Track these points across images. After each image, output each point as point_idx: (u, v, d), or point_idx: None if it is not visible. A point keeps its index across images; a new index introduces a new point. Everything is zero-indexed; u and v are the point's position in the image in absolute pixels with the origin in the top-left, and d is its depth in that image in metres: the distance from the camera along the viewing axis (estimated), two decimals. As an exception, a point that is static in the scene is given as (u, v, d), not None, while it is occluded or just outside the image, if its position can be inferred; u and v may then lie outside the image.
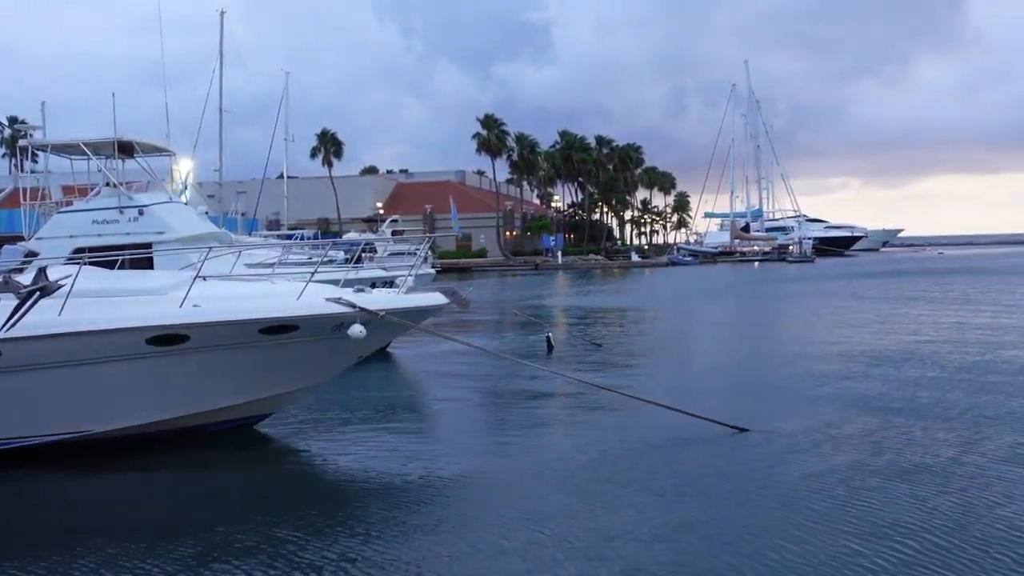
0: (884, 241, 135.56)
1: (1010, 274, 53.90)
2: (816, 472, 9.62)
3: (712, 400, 13.76)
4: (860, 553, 7.19)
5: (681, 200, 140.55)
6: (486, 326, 29.11)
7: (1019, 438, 11.07)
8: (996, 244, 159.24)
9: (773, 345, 22.58)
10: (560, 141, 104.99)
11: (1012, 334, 22.11)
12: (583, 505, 8.66)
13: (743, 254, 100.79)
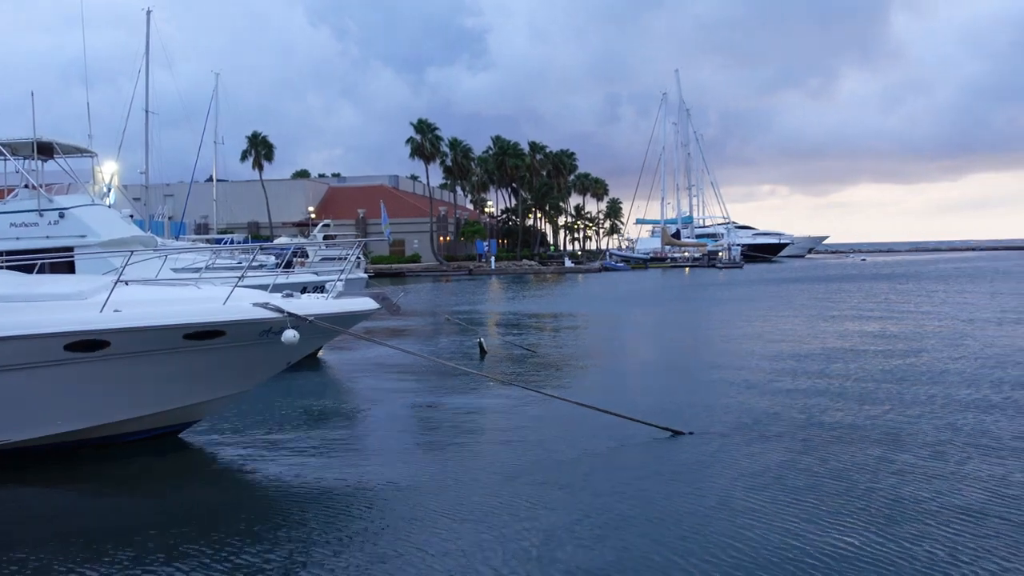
0: (810, 248, 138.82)
1: (929, 280, 55.71)
2: (750, 472, 9.82)
3: (647, 403, 13.93)
4: (795, 548, 7.34)
5: (614, 206, 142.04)
6: (419, 331, 28.96)
7: (941, 435, 11.46)
8: (914, 251, 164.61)
9: (705, 348, 22.90)
10: (494, 147, 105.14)
11: (932, 337, 22.82)
12: (526, 506, 8.69)
13: (674, 260, 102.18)
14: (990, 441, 11.09)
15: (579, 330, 28.82)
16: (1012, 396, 14.12)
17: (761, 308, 35.85)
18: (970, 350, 19.92)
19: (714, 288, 55.22)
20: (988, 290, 43.51)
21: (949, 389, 15.02)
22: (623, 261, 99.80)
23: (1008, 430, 11.69)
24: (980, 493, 8.87)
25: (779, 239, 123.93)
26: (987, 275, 59.95)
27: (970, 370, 17.04)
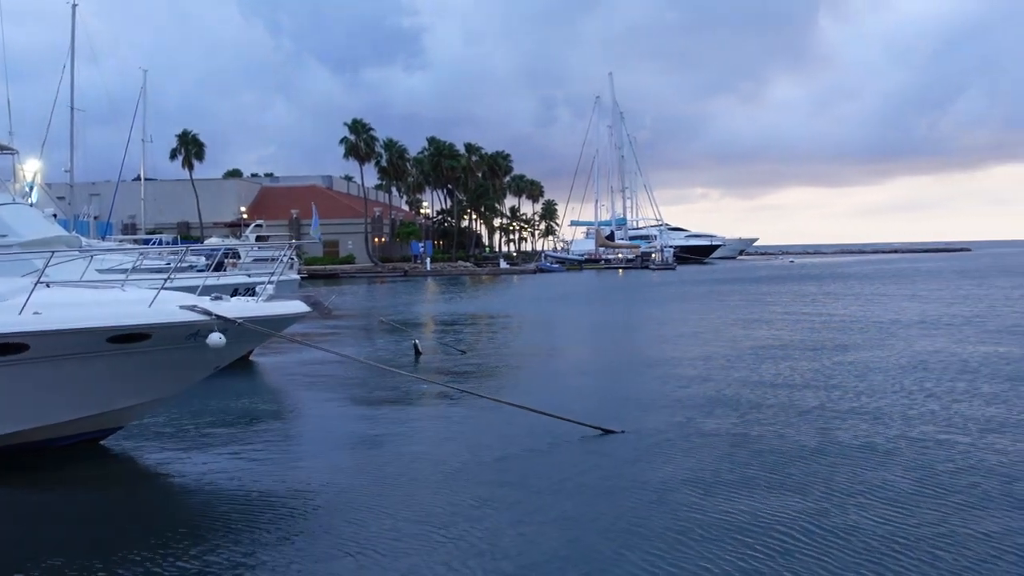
0: (741, 249, 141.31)
1: (854, 280, 57.12)
2: (683, 468, 9.96)
3: (581, 403, 14.00)
4: (731, 541, 7.45)
5: (549, 208, 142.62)
6: (353, 334, 28.70)
7: (877, 427, 11.82)
8: (841, 252, 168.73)
9: (638, 348, 23.12)
10: (429, 148, 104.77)
11: (858, 335, 23.40)
12: (468, 505, 8.71)
13: (608, 261, 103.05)
14: (916, 433, 11.42)
15: (514, 331, 28.88)
16: (934, 392, 14.54)
17: (693, 308, 36.38)
18: (894, 349, 20.48)
19: (647, 289, 55.87)
20: (910, 291, 44.79)
21: (875, 386, 15.42)
22: (558, 262, 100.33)
23: (930, 423, 12.04)
24: (908, 483, 9.15)
25: (711, 241, 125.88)
26: (909, 276, 61.74)
27: (894, 368, 17.51)
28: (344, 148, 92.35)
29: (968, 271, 67.46)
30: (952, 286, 47.33)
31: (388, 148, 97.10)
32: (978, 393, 14.51)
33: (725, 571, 6.96)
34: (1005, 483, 9.16)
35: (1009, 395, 14.26)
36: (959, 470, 9.74)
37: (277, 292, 13.38)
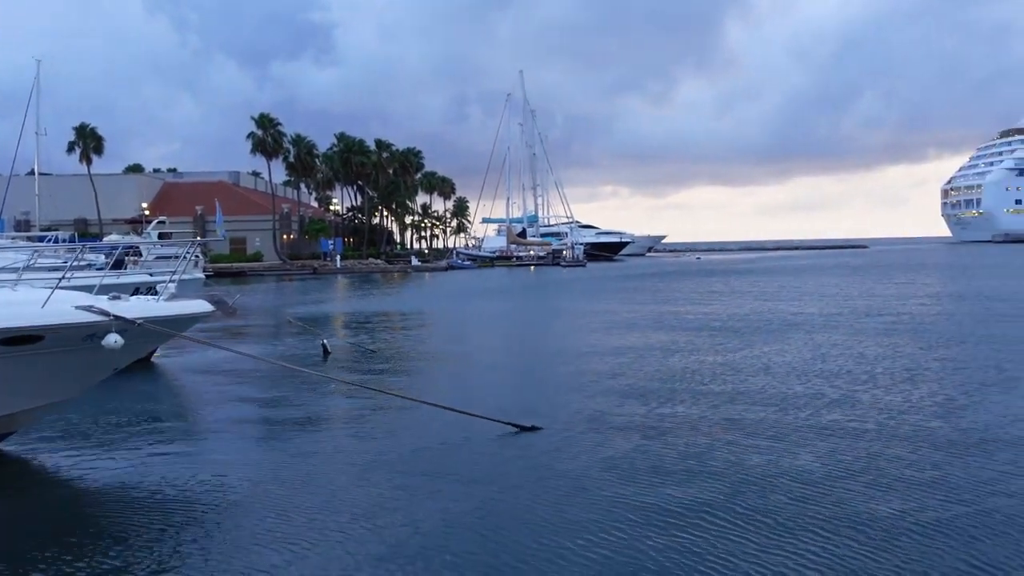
0: (650, 247, 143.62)
1: (756, 275, 58.68)
2: (598, 461, 10.12)
3: (495, 400, 14.07)
4: (644, 534, 7.58)
5: (460, 205, 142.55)
6: (260, 333, 28.18)
7: (784, 415, 12.25)
8: (744, 250, 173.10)
9: (550, 344, 23.31)
10: (339, 144, 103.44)
11: (763, 328, 24.06)
12: (385, 502, 8.70)
13: (519, 259, 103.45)
14: (823, 421, 11.83)
15: (426, 328, 28.81)
16: (836, 383, 15.08)
17: (604, 304, 36.82)
18: (797, 341, 21.13)
19: (558, 286, 56.33)
20: (811, 286, 46.18)
21: (780, 375, 15.95)
22: (470, 260, 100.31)
23: (835, 410, 12.49)
24: (818, 467, 9.46)
25: (620, 238, 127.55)
26: (810, 271, 63.67)
27: (797, 358, 18.09)
28: (251, 143, 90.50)
29: (864, 267, 70.03)
30: (851, 281, 49.02)
31: (296, 144, 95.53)
32: (876, 382, 15.12)
33: (642, 560, 7.11)
34: (905, 466, 9.64)
35: (904, 384, 14.89)
36: (863, 455, 10.17)
37: (181, 291, 13.00)
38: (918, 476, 9.35)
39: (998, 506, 8.28)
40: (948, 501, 8.46)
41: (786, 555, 7.16)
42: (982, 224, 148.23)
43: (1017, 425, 11.72)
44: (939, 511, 8.16)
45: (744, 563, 7.01)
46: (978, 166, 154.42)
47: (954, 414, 12.53)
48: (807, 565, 6.94)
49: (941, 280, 48.87)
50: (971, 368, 16.72)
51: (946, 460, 9.99)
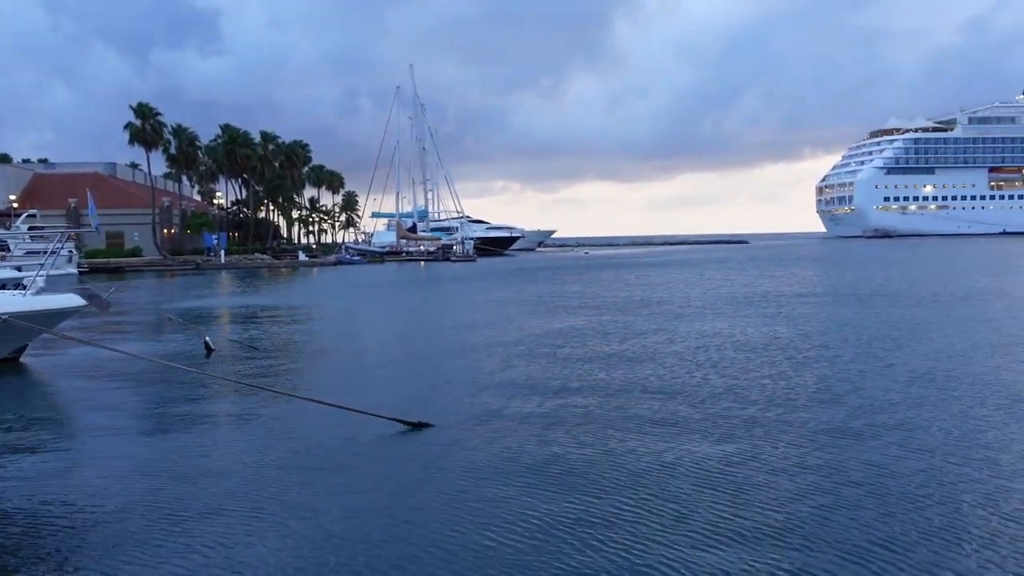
0: (540, 241, 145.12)
1: (643, 268, 60.02)
2: (489, 458, 10.17)
3: (385, 396, 13.97)
4: (540, 530, 7.69)
5: (349, 199, 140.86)
6: (139, 330, 27.23)
7: (668, 403, 12.51)
8: (632, 244, 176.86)
9: (441, 340, 23.27)
10: (223, 135, 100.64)
11: (648, 322, 24.62)
12: (267, 509, 8.49)
13: (409, 254, 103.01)
14: (715, 408, 12.22)
15: (313, 324, 28.35)
16: (721, 367, 15.59)
17: (494, 298, 36.99)
18: (679, 333, 21.74)
19: (448, 281, 56.31)
20: (695, 278, 47.54)
21: (666, 368, 16.31)
22: (359, 255, 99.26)
23: (723, 397, 12.95)
24: (714, 452, 9.76)
25: (511, 233, 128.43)
26: (694, 264, 65.51)
27: (685, 351, 18.61)
28: (129, 134, 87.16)
29: (745, 260, 72.46)
30: (733, 273, 50.65)
31: (177, 134, 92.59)
32: (760, 369, 15.71)
33: (533, 553, 7.23)
34: (795, 450, 10.07)
35: (785, 369, 15.52)
36: (755, 439, 10.60)
37: (52, 287, 12.46)
38: (808, 459, 9.84)
39: (887, 486, 8.81)
40: (839, 483, 8.94)
41: (687, 540, 7.41)
42: (854, 220, 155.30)
43: (896, 407, 12.41)
44: (833, 492, 8.63)
45: (644, 551, 7.23)
46: (850, 165, 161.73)
47: (836, 399, 13.21)
48: (708, 549, 7.19)
49: (815, 272, 50.98)
50: (847, 354, 17.55)
51: (832, 443, 10.55)
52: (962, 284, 38.13)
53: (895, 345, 19.18)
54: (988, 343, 19.22)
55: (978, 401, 12.98)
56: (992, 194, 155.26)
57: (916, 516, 7.95)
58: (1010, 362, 16.59)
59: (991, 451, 10.15)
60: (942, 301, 30.09)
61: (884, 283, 40.06)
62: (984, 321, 23.75)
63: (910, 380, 14.85)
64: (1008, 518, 7.83)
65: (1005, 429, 11.20)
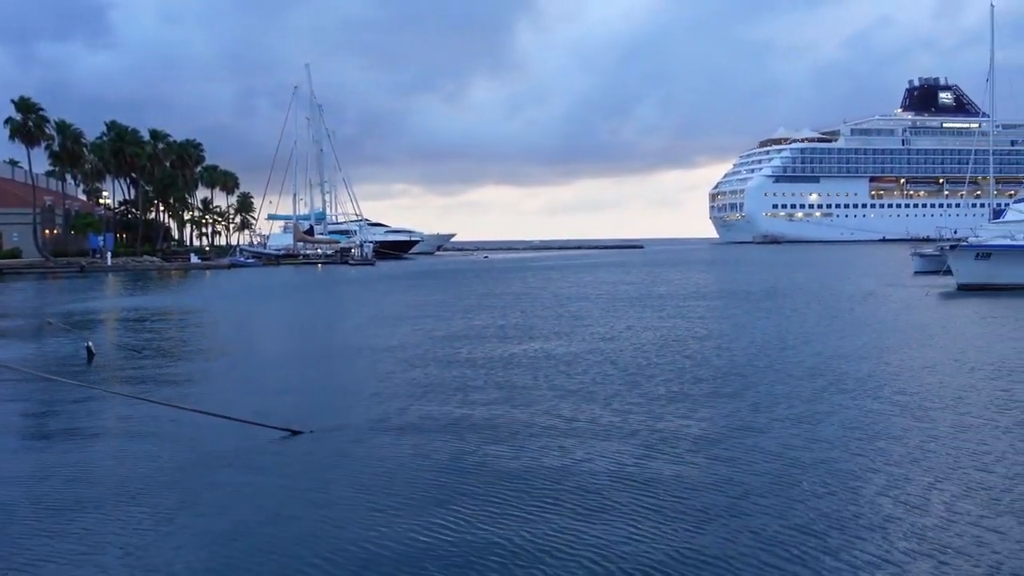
0: (439, 245, 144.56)
1: (540, 271, 60.52)
2: (368, 464, 9.92)
3: (271, 403, 13.59)
4: (416, 535, 7.53)
5: (244, 201, 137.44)
6: (15, 335, 25.90)
7: (564, 403, 12.39)
8: (531, 249, 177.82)
9: (330, 345, 22.84)
10: (110, 132, 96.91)
11: (545, 326, 24.74)
12: (150, 522, 8.11)
13: (306, 257, 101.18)
14: (597, 416, 12.24)
15: (202, 329, 27.53)
16: (626, 374, 15.74)
17: (391, 302, 36.63)
18: (578, 336, 21.91)
19: (345, 284, 55.58)
20: (594, 279, 48.17)
21: (558, 371, 16.28)
22: (254, 257, 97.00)
23: (625, 399, 13.00)
24: (601, 465, 9.73)
25: (410, 236, 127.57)
26: (590, 268, 66.43)
27: (581, 352, 18.70)
28: (9, 129, 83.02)
29: (642, 263, 73.85)
30: (630, 275, 51.49)
31: (61, 131, 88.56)
32: (658, 367, 15.91)
33: (409, 557, 7.07)
34: (692, 441, 10.20)
35: (685, 366, 15.77)
36: (660, 435, 10.67)
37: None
38: (716, 452, 10.00)
39: (793, 475, 8.98)
40: (748, 473, 9.06)
41: (600, 533, 7.40)
42: (744, 226, 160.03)
43: (793, 402, 12.76)
44: (742, 483, 8.76)
45: (533, 545, 7.17)
46: (741, 173, 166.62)
47: (736, 395, 13.49)
48: (624, 544, 7.21)
49: (709, 275, 52.29)
50: (744, 352, 17.99)
51: (736, 436, 10.72)
52: (846, 286, 39.75)
53: (787, 344, 19.77)
54: (874, 344, 20.06)
55: (870, 395, 13.50)
56: (873, 203, 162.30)
57: (821, 503, 8.23)
58: (894, 359, 17.35)
59: (885, 441, 10.56)
60: (828, 303, 31.25)
61: (774, 285, 41.36)
62: (865, 323, 24.79)
63: (804, 376, 15.31)
64: (905, 504, 8.11)
65: (895, 421, 11.65)
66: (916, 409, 12.55)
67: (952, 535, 7.40)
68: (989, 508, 8.09)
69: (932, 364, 16.77)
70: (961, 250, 36.47)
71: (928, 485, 8.85)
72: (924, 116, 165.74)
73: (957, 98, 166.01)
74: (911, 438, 10.85)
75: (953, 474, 9.25)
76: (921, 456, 10.00)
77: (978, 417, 11.97)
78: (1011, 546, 7.15)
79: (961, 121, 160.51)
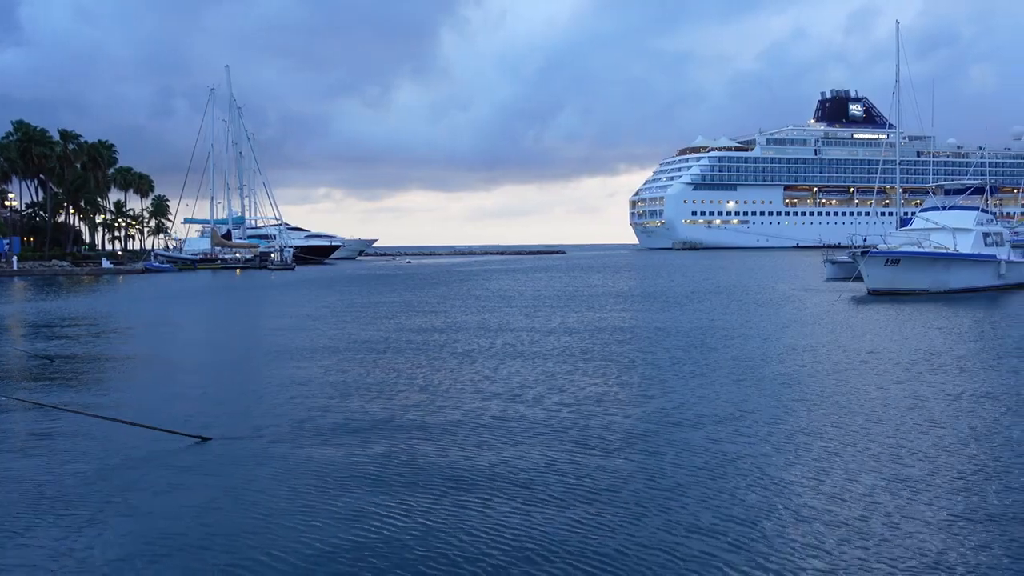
0: (361, 250, 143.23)
1: (463, 275, 60.51)
2: (274, 470, 9.74)
3: (182, 410, 13.25)
4: (327, 540, 7.47)
5: (160, 204, 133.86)
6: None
7: (464, 416, 12.40)
8: (454, 254, 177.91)
9: (242, 351, 22.27)
10: (16, 132, 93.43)
11: (464, 329, 24.71)
12: (53, 534, 7.83)
13: (224, 261, 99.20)
14: (525, 415, 12.33)
15: (110, 335, 26.66)
16: (552, 376, 15.82)
17: (309, 307, 36.10)
18: (502, 340, 21.94)
19: (263, 289, 54.61)
20: (515, 283, 48.32)
21: (482, 376, 16.35)
22: (170, 262, 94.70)
23: (547, 406, 13.10)
24: (484, 466, 9.77)
25: (331, 241, 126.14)
26: (511, 273, 66.66)
27: (506, 357, 18.74)
28: (-95, 128, 79.44)
29: (565, 268, 74.40)
30: (555, 280, 51.80)
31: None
32: (584, 368, 16.05)
33: (314, 562, 7.01)
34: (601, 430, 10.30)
35: (611, 366, 15.94)
36: (589, 431, 10.76)
37: None
38: (647, 446, 10.14)
39: (724, 469, 9.16)
40: (680, 467, 9.23)
41: (531, 525, 7.38)
42: (664, 233, 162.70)
43: (717, 400, 13.02)
44: (675, 476, 8.90)
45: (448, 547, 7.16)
46: (660, 180, 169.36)
47: (661, 394, 13.73)
48: (559, 541, 7.21)
49: (629, 279, 52.92)
50: (666, 353, 18.26)
51: (665, 432, 10.89)
52: (764, 292, 40.71)
53: (711, 347, 20.19)
54: (794, 346, 20.60)
55: (791, 394, 13.92)
56: (787, 210, 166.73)
57: (749, 494, 8.50)
58: (813, 360, 17.87)
59: (805, 437, 10.90)
60: (747, 307, 31.96)
61: (695, 289, 42.11)
62: (784, 326, 25.41)
63: (729, 376, 15.68)
64: (829, 496, 8.38)
65: (815, 418, 12.02)
66: (834, 406, 12.99)
67: (870, 522, 7.71)
68: (905, 497, 8.43)
69: (848, 365, 17.30)
70: (871, 257, 37.67)
71: (848, 477, 9.17)
72: (836, 127, 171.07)
73: (867, 110, 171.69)
74: (830, 433, 11.22)
75: (869, 465, 9.60)
76: (840, 449, 10.36)
77: (891, 412, 12.48)
78: (925, 530, 7.45)
79: (870, 132, 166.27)
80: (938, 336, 22.31)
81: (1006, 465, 9.62)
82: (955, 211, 43.88)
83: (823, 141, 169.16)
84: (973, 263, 38.98)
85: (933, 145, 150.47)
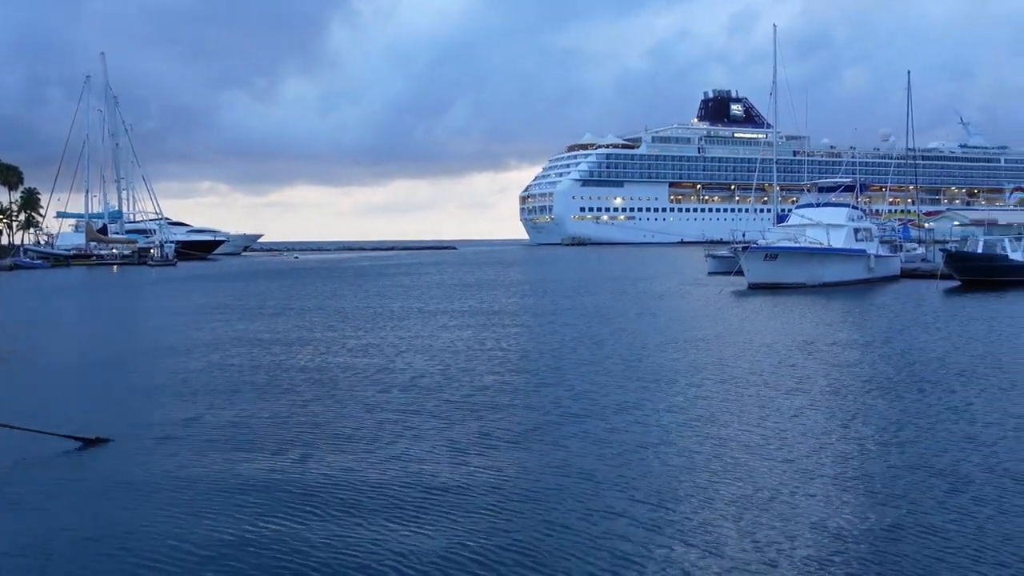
0: (245, 246, 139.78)
1: (354, 273, 59.85)
2: (174, 473, 9.48)
3: (61, 411, 12.69)
4: (234, 543, 7.40)
5: (30, 197, 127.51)
6: None
7: (382, 395, 12.37)
8: (343, 249, 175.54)
9: (125, 350, 21.43)
10: None
11: (359, 325, 24.50)
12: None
13: (100, 257, 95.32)
14: (424, 408, 12.38)
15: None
16: (446, 369, 15.86)
17: (190, 306, 35.04)
18: (392, 337, 21.86)
19: (141, 286, 52.83)
20: (408, 283, 48.10)
21: (371, 374, 16.23)
22: (41, 258, 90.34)
23: (447, 398, 13.14)
24: (398, 472, 9.82)
25: (214, 236, 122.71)
26: (404, 270, 66.37)
27: (396, 353, 18.67)
28: None
29: (457, 264, 74.48)
30: (445, 275, 51.80)
31: None
32: (478, 363, 16.18)
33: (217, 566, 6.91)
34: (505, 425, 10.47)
35: (511, 360, 16.12)
36: (497, 424, 10.91)
37: None
38: (557, 437, 10.42)
39: (643, 456, 9.46)
40: (597, 460, 9.48)
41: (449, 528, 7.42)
42: (554, 229, 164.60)
43: (608, 390, 13.36)
44: (592, 467, 9.15)
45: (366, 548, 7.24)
46: (550, 176, 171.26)
47: (553, 383, 14.06)
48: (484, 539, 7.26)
49: (520, 273, 53.46)
50: (562, 345, 18.58)
51: (574, 423, 11.18)
52: (651, 285, 41.77)
53: (601, 339, 20.68)
54: (682, 337, 21.29)
55: (683, 382, 14.44)
56: (672, 207, 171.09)
57: (653, 480, 8.81)
58: (701, 350, 18.56)
59: (717, 426, 11.28)
60: (635, 300, 32.77)
61: (584, 283, 42.86)
62: (672, 318, 26.17)
63: (621, 367, 16.11)
64: (725, 475, 8.81)
65: (707, 405, 12.53)
66: (725, 393, 13.55)
67: (767, 498, 8.16)
68: (797, 476, 8.94)
69: (732, 354, 17.98)
70: (751, 252, 39.06)
71: (742, 460, 9.61)
72: (718, 126, 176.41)
73: (747, 110, 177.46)
74: (725, 418, 11.70)
75: (761, 447, 10.09)
76: (736, 433, 10.83)
77: (776, 395, 13.15)
78: (819, 506, 7.91)
79: (750, 132, 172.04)
80: (813, 326, 23.42)
81: (883, 442, 10.27)
82: (828, 208, 45.91)
83: (706, 140, 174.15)
84: (845, 258, 40.97)
85: (808, 145, 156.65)
